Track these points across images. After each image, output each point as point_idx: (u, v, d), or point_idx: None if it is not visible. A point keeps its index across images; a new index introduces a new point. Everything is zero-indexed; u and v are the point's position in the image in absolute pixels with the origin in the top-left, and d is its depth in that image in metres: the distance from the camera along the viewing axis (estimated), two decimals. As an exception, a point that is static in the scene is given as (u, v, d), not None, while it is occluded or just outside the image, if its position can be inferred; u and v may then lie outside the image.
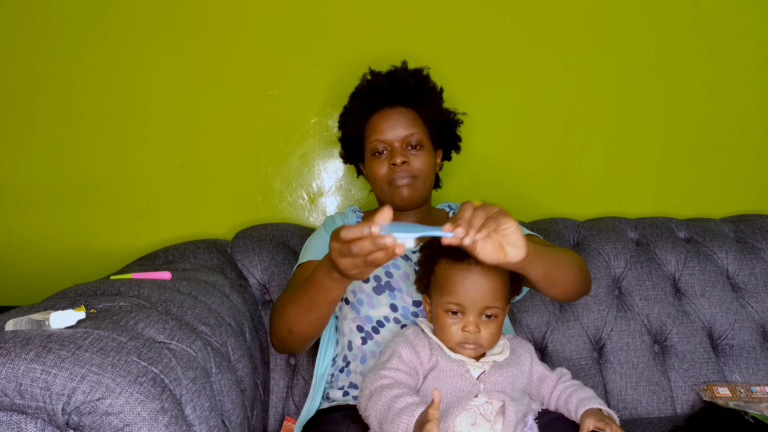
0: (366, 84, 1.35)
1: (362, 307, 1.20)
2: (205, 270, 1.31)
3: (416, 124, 1.28)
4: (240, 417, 1.01)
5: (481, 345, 0.98)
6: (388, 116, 1.28)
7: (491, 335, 0.99)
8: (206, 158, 1.60)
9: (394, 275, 1.22)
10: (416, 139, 1.27)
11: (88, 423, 0.73)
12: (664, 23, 1.71)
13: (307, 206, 1.65)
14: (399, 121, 1.27)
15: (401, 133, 1.27)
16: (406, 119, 1.28)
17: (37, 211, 1.58)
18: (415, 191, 1.27)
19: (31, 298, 1.49)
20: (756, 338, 1.48)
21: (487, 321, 0.98)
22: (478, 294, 0.97)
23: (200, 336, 0.99)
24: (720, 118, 1.76)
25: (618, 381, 1.41)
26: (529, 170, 1.70)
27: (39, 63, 1.55)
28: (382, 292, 1.20)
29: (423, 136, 1.28)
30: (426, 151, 1.28)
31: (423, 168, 1.27)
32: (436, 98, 1.35)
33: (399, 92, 1.29)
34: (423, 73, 1.35)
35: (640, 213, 1.72)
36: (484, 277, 0.97)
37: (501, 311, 0.99)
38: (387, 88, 1.30)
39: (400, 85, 1.30)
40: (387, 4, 1.62)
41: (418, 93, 1.30)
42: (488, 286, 0.97)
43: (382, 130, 1.27)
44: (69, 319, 0.82)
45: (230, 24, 1.58)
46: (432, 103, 1.33)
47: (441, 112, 1.35)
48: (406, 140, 1.27)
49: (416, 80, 1.32)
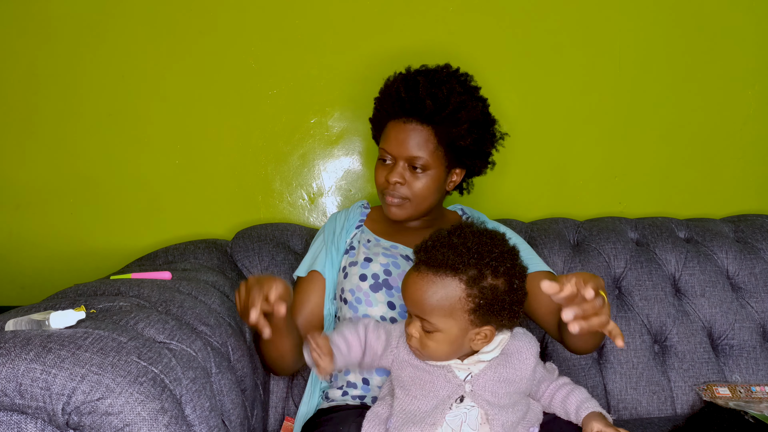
0: (388, 87, 1.28)
1: (360, 306, 1.19)
2: (205, 270, 1.31)
3: (427, 146, 1.20)
4: (240, 417, 1.01)
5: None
6: (399, 130, 1.21)
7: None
8: (206, 158, 1.60)
9: (393, 273, 1.21)
10: (422, 163, 1.20)
11: (88, 423, 0.73)
12: (664, 23, 1.71)
13: (307, 206, 1.65)
14: (409, 138, 1.20)
15: (408, 152, 1.20)
16: (418, 138, 1.20)
17: (37, 211, 1.58)
18: (404, 212, 1.24)
19: (31, 298, 1.49)
20: (756, 338, 1.48)
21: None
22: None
23: (200, 336, 0.99)
24: (720, 118, 1.76)
25: (618, 381, 1.41)
26: (530, 170, 1.70)
27: (39, 63, 1.55)
28: (379, 290, 1.19)
29: (432, 159, 1.20)
30: (429, 176, 1.22)
31: (419, 192, 1.22)
32: (460, 120, 1.20)
33: (415, 108, 1.20)
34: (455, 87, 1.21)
35: (640, 213, 1.72)
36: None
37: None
38: (404, 100, 1.21)
39: (417, 101, 1.20)
40: (388, 3, 1.62)
41: (436, 115, 1.19)
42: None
43: (390, 142, 1.22)
44: (69, 319, 0.82)
45: (230, 24, 1.58)
46: (454, 125, 1.20)
47: (462, 136, 1.21)
48: (409, 160, 1.21)
49: (436, 100, 1.19)
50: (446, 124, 1.20)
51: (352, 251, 1.28)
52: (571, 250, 1.53)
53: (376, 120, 1.32)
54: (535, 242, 1.51)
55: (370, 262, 1.23)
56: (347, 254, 1.28)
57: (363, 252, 1.26)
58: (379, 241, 1.29)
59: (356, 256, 1.26)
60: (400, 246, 1.27)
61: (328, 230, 1.34)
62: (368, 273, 1.21)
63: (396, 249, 1.27)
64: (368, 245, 1.28)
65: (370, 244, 1.28)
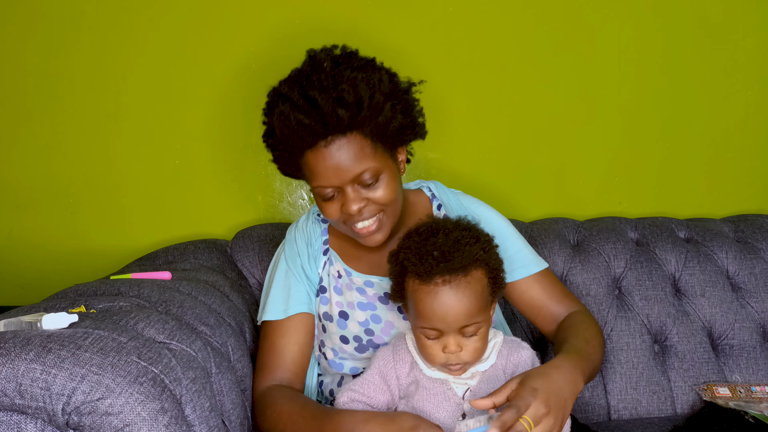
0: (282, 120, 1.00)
1: (346, 362, 1.14)
2: (205, 270, 1.31)
3: (364, 152, 1.00)
4: (240, 417, 1.01)
5: (466, 362, 0.92)
6: (325, 156, 0.99)
7: (476, 350, 0.92)
8: (206, 158, 1.60)
9: (375, 331, 1.12)
10: (371, 174, 1.01)
11: (88, 423, 0.73)
12: (664, 23, 1.71)
13: (307, 206, 1.65)
14: (342, 159, 0.99)
15: (349, 173, 1.00)
16: (350, 152, 0.99)
17: (37, 211, 1.58)
18: (386, 227, 1.07)
19: (31, 298, 1.48)
20: (756, 338, 1.48)
21: (468, 338, 0.91)
22: (452, 316, 0.89)
23: (200, 336, 0.99)
24: (720, 119, 1.75)
25: (618, 381, 1.41)
26: (529, 170, 1.70)
27: (39, 63, 1.55)
28: (365, 351, 1.12)
29: (379, 161, 1.02)
30: (387, 177, 1.04)
31: (388, 196, 1.04)
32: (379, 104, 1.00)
33: (328, 126, 0.98)
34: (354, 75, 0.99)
35: (640, 213, 1.72)
36: (455, 296, 0.89)
37: (482, 323, 0.92)
38: (311, 126, 0.97)
39: (326, 119, 0.97)
40: (387, 5, 1.62)
41: (355, 118, 0.98)
42: (461, 306, 0.89)
43: (321, 175, 1.01)
44: (61, 321, 0.81)
45: (230, 24, 1.58)
46: (377, 114, 0.99)
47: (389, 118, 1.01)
48: (357, 180, 1.01)
49: (346, 104, 0.97)
50: (369, 119, 1.00)
51: (324, 295, 1.15)
52: (571, 250, 1.53)
53: (284, 160, 1.08)
54: (535, 242, 1.51)
55: (347, 320, 1.12)
56: (318, 296, 1.16)
57: (335, 299, 1.14)
58: (351, 275, 1.15)
59: (329, 305, 1.14)
60: (375, 280, 1.14)
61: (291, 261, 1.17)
62: (348, 335, 1.12)
63: (371, 288, 1.14)
64: (340, 286, 1.15)
65: (341, 281, 1.15)
